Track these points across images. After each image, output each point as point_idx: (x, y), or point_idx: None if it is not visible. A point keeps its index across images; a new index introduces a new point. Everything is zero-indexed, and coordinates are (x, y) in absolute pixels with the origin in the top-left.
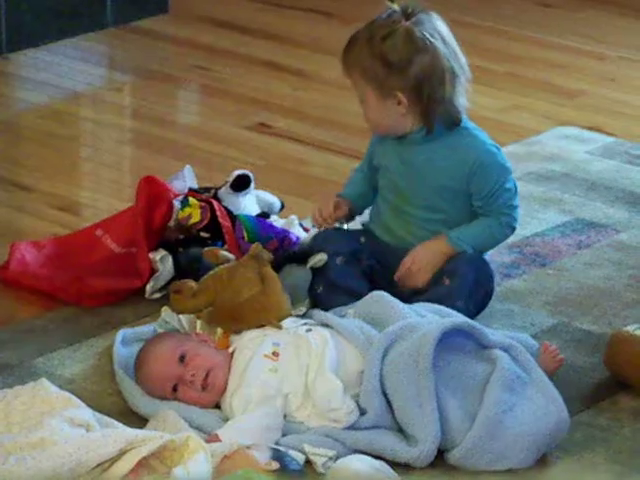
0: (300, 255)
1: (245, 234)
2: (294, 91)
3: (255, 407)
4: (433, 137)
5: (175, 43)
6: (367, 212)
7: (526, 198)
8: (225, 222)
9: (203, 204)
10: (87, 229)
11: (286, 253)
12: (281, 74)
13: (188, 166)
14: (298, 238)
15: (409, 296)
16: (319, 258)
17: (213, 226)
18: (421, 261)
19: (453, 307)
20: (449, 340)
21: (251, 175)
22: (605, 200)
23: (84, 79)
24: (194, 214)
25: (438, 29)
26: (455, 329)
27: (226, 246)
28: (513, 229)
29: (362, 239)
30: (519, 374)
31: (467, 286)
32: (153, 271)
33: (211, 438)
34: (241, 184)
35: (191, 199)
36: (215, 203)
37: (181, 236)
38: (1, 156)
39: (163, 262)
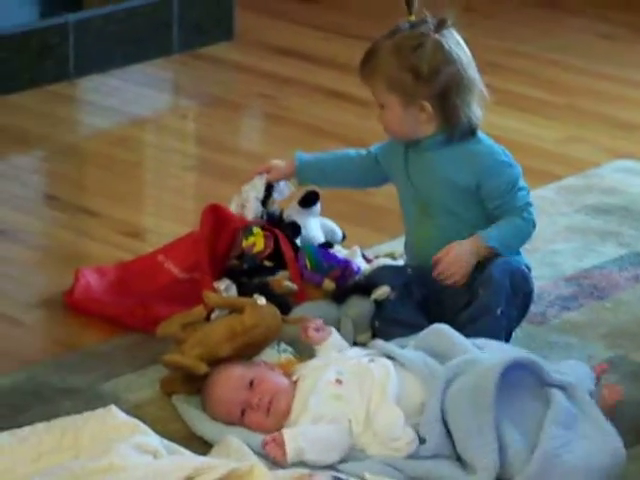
0: (364, 286)
1: (308, 263)
2: (358, 120)
3: (325, 424)
4: (447, 144)
5: (239, 70)
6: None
7: (584, 231)
8: (288, 251)
9: (267, 233)
10: (149, 255)
11: (350, 284)
12: (345, 103)
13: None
14: (360, 268)
15: (453, 313)
16: (383, 291)
17: (277, 255)
18: (454, 251)
19: (495, 317)
20: (509, 374)
21: (319, 192)
22: None
23: (149, 105)
24: (258, 243)
25: (460, 43)
26: (516, 364)
27: (289, 275)
28: (535, 226)
29: (409, 270)
30: (574, 412)
31: (503, 292)
32: None
33: (274, 437)
34: (309, 200)
35: (255, 228)
36: (278, 232)
37: (245, 265)
38: (67, 181)
39: (228, 291)
